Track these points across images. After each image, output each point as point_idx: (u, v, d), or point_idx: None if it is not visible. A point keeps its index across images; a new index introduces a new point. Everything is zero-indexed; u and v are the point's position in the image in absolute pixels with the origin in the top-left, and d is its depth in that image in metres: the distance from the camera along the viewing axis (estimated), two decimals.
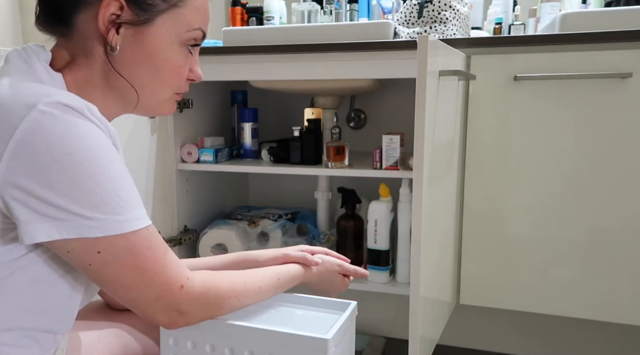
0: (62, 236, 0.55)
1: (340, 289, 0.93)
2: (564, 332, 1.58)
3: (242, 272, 0.74)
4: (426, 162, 0.95)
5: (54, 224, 0.54)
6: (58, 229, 0.54)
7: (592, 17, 1.22)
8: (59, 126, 0.54)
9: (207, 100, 1.64)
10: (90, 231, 0.55)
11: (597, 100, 1.16)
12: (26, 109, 0.53)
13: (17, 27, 1.82)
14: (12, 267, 0.58)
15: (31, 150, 0.53)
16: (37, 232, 0.54)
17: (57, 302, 0.63)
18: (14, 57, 0.62)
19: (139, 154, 1.39)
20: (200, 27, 0.68)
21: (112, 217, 0.56)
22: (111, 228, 0.56)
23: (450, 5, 1.37)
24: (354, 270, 0.94)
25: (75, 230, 0.55)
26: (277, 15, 1.69)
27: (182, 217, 1.54)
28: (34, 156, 0.53)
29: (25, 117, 0.53)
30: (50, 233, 0.54)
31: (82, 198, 0.55)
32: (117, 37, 0.63)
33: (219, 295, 0.67)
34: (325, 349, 0.65)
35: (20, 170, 0.53)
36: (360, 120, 1.75)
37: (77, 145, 0.54)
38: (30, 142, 0.53)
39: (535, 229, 1.24)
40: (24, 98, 0.55)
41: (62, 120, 0.54)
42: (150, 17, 0.63)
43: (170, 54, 0.66)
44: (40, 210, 0.54)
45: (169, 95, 0.71)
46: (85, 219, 0.55)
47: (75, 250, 0.57)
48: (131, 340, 0.78)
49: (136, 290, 0.60)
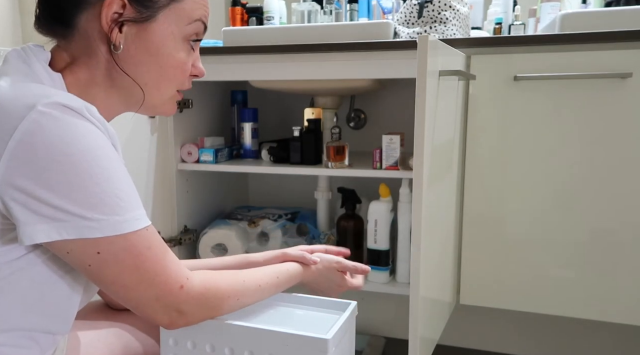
0: (61, 237, 0.55)
1: (340, 288, 0.92)
2: (564, 332, 1.58)
3: (241, 272, 0.74)
4: (426, 162, 0.95)
5: (53, 224, 0.54)
6: (57, 230, 0.54)
7: (592, 17, 1.22)
8: (58, 127, 0.54)
9: (207, 100, 1.64)
10: (90, 232, 0.55)
11: (597, 100, 1.16)
12: (25, 109, 0.53)
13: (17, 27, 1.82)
14: (11, 267, 0.57)
15: (30, 151, 0.53)
16: (36, 233, 0.54)
17: (57, 302, 0.63)
18: (13, 58, 0.62)
19: (139, 154, 1.39)
20: (201, 19, 0.68)
21: (111, 218, 0.56)
22: (111, 228, 0.56)
23: (450, 5, 1.37)
24: (353, 266, 0.92)
25: (74, 231, 0.55)
26: (277, 15, 1.69)
27: (182, 217, 1.54)
28: (33, 157, 0.53)
29: (25, 117, 0.53)
30: (50, 234, 0.54)
31: (82, 199, 0.54)
32: (120, 36, 0.63)
33: (218, 295, 0.67)
34: (325, 349, 0.65)
35: (19, 171, 0.53)
36: (360, 120, 1.75)
37: (76, 145, 0.54)
38: (29, 142, 0.53)
39: (535, 229, 1.24)
40: (23, 98, 0.54)
41: (61, 120, 0.54)
42: (152, 13, 0.64)
43: (174, 49, 0.67)
44: (39, 211, 0.54)
45: (172, 92, 0.71)
46: (85, 219, 0.55)
47: (74, 250, 0.57)
48: (131, 340, 0.78)
49: (136, 291, 0.60)
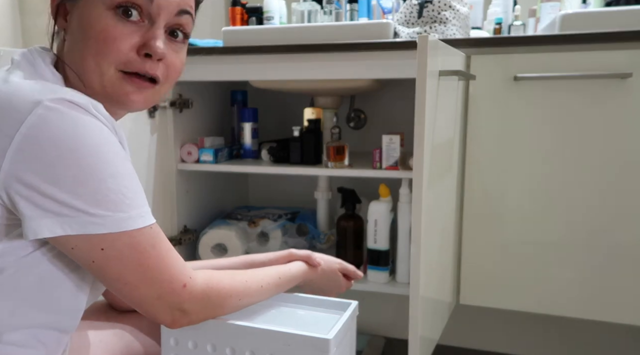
0: (65, 232, 0.55)
1: (340, 289, 0.96)
2: (564, 332, 1.58)
3: (244, 272, 0.74)
4: (426, 162, 0.95)
5: (57, 219, 0.54)
6: (62, 225, 0.54)
7: (592, 17, 1.22)
8: (64, 122, 0.54)
9: (207, 100, 1.64)
10: (95, 228, 0.55)
11: (597, 100, 1.16)
12: (32, 104, 0.53)
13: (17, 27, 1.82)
14: (18, 264, 0.58)
15: (36, 146, 0.53)
16: (40, 227, 0.54)
17: (63, 300, 0.63)
18: (20, 59, 0.63)
19: (139, 154, 1.39)
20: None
21: (116, 215, 0.56)
22: (115, 225, 0.56)
23: (450, 5, 1.37)
24: (353, 270, 0.98)
25: (79, 227, 0.55)
26: (277, 15, 1.69)
27: (182, 217, 1.54)
28: (38, 152, 0.53)
29: (31, 112, 0.53)
30: (54, 229, 0.54)
31: (87, 194, 0.55)
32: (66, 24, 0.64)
33: (221, 295, 0.67)
34: (326, 349, 0.65)
35: (25, 166, 0.53)
36: (360, 120, 1.75)
37: (82, 141, 0.54)
38: (35, 137, 0.53)
39: (535, 229, 1.24)
40: (30, 94, 0.55)
41: (68, 116, 0.54)
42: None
43: (98, 20, 0.62)
44: (44, 205, 0.54)
45: (112, 72, 0.63)
46: (90, 215, 0.55)
47: (79, 246, 0.57)
48: (133, 340, 0.78)
49: (139, 289, 0.60)
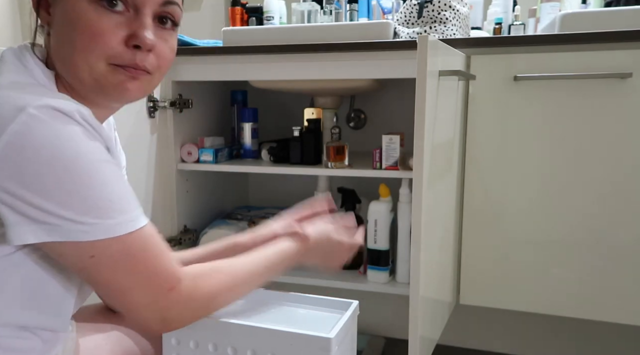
0: (52, 239, 0.54)
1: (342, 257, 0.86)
2: (564, 332, 1.58)
3: (233, 264, 0.71)
4: (426, 162, 0.95)
5: (43, 227, 0.53)
6: (48, 232, 0.54)
7: (592, 17, 1.22)
8: (48, 130, 0.53)
9: (207, 100, 1.64)
10: (84, 235, 0.54)
11: (597, 100, 1.16)
12: (15, 111, 0.52)
13: (17, 27, 1.82)
14: (3, 263, 0.57)
15: (19, 154, 0.52)
16: (25, 234, 0.53)
17: (50, 300, 0.62)
18: (9, 56, 0.61)
19: (139, 154, 1.39)
20: None
21: (105, 222, 0.55)
22: (104, 232, 0.55)
23: (450, 5, 1.37)
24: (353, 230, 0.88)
25: (66, 234, 0.54)
26: (277, 15, 1.69)
27: (182, 217, 1.54)
28: (21, 160, 0.52)
29: (14, 119, 0.52)
30: (39, 235, 0.54)
31: (74, 203, 0.54)
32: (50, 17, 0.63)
33: (210, 296, 0.66)
34: (328, 348, 0.65)
35: (6, 173, 0.52)
36: (360, 120, 1.75)
37: (66, 149, 0.53)
38: (18, 145, 0.52)
39: (535, 229, 1.24)
40: (14, 100, 0.53)
41: (52, 124, 0.53)
42: None
43: (82, 14, 0.60)
44: (28, 213, 0.53)
45: (102, 66, 0.61)
46: (78, 223, 0.54)
47: (67, 253, 0.56)
48: (133, 341, 0.78)
49: (127, 295, 0.60)
